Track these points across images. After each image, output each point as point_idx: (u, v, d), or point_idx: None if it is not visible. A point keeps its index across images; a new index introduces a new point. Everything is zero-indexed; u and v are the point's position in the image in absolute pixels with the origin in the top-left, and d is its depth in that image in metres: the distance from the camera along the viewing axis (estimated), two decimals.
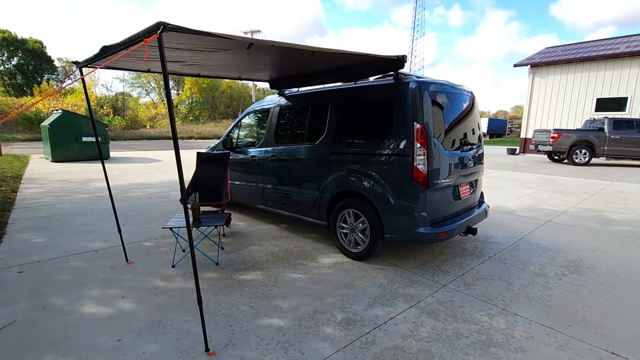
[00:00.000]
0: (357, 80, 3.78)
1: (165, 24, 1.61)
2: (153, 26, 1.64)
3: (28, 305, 2.70)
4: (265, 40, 2.12)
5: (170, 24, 1.65)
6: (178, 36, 2.02)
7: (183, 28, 1.70)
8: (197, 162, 4.81)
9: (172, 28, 1.65)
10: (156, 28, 1.62)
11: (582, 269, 3.53)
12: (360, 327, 2.46)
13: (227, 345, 2.25)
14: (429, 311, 2.69)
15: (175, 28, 1.66)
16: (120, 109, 33.71)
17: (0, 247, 3.90)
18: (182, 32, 1.72)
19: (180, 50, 2.52)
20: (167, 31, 1.64)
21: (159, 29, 1.60)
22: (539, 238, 4.46)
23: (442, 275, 3.33)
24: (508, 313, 2.67)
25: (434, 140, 3.20)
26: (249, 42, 2.09)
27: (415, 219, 3.19)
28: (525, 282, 3.20)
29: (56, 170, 9.99)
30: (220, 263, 3.55)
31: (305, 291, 2.99)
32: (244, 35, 2.49)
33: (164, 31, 1.62)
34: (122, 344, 2.24)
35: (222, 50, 2.49)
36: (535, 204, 6.36)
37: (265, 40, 2.12)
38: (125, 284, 3.07)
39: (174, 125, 1.84)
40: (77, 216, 5.18)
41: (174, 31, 1.67)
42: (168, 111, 1.86)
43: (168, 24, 1.63)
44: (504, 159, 15.28)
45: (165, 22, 1.61)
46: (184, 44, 2.39)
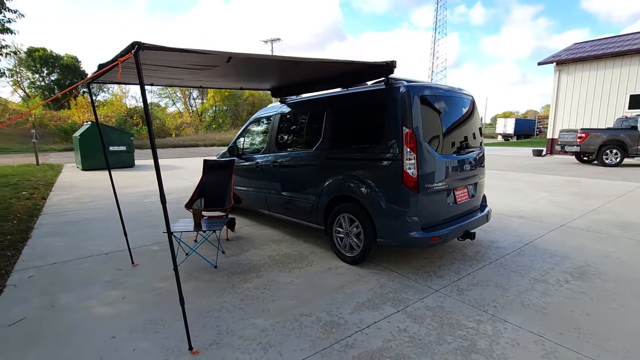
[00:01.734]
0: (351, 86, 3.83)
1: (140, 43, 1.75)
2: (129, 46, 1.79)
3: (39, 303, 2.93)
4: (242, 53, 2.23)
5: (146, 44, 1.79)
6: (168, 54, 2.17)
7: (158, 46, 1.83)
8: (204, 169, 5.01)
9: (147, 47, 1.79)
10: (131, 47, 1.76)
11: (588, 275, 3.38)
12: (342, 331, 2.49)
13: (211, 345, 2.35)
14: (415, 316, 2.68)
15: (150, 47, 1.80)
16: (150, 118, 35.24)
17: (24, 250, 4.23)
18: (158, 50, 1.85)
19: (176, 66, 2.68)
20: (143, 50, 1.77)
21: (133, 48, 1.75)
22: (547, 243, 4.29)
23: (436, 280, 3.29)
24: (497, 320, 2.62)
25: (424, 144, 3.19)
26: (228, 56, 2.21)
27: (407, 223, 3.19)
28: (522, 289, 3.11)
29: (85, 178, 10.62)
30: (219, 266, 3.68)
31: (295, 294, 3.05)
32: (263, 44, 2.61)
33: (139, 50, 1.76)
34: (116, 341, 2.39)
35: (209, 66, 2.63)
36: (551, 208, 6.11)
37: (243, 53, 2.23)
38: (127, 285, 3.25)
39: (151, 132, 1.97)
40: (96, 221, 5.51)
41: (149, 49, 1.80)
42: (146, 121, 1.98)
43: (143, 44, 1.77)
44: (527, 161, 14.72)
45: (140, 42, 1.75)
46: (177, 61, 2.55)
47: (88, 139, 12.28)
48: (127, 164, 13.26)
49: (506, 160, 15.37)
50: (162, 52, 2.01)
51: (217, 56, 2.23)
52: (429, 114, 3.35)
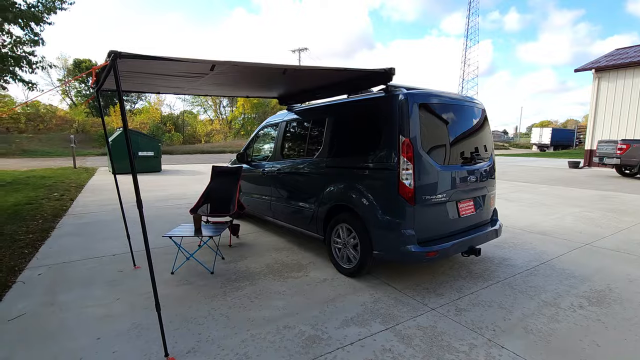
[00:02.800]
0: (354, 94, 3.76)
1: (117, 52, 1.80)
2: (107, 55, 1.85)
3: (40, 300, 3.05)
4: (226, 61, 2.24)
5: (124, 52, 1.84)
6: (164, 63, 2.23)
7: (136, 55, 1.88)
8: (212, 175, 5.10)
9: (125, 55, 1.84)
10: (108, 56, 1.82)
11: (608, 301, 3.06)
12: (323, 346, 2.40)
13: (189, 352, 2.33)
14: (403, 335, 2.53)
15: (128, 55, 1.84)
16: (181, 125, 36.80)
17: (41, 248, 4.47)
18: (135, 59, 1.90)
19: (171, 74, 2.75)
20: (121, 58, 1.82)
21: (110, 57, 1.80)
22: (566, 263, 3.97)
23: (434, 298, 3.11)
24: (493, 345, 2.42)
25: (423, 153, 3.06)
26: (212, 64, 2.23)
27: (402, 236, 3.05)
28: (528, 312, 2.87)
29: (113, 181, 11.18)
30: (216, 272, 3.69)
31: (284, 305, 2.99)
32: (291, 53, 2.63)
33: (116, 58, 1.81)
34: (100, 342, 2.44)
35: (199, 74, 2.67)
36: (579, 224, 5.67)
37: (227, 61, 2.24)
38: (124, 287, 3.33)
39: (128, 136, 2.01)
40: (112, 223, 5.75)
41: (127, 58, 1.85)
42: (123, 127, 2.03)
43: (121, 53, 1.82)
44: (561, 173, 13.86)
45: (116, 51, 1.80)
46: (173, 70, 2.62)
47: (119, 145, 12.94)
48: (155, 169, 13.83)
49: (538, 172, 14.57)
50: (158, 61, 2.06)
51: (203, 64, 2.26)
52: (429, 123, 3.22)
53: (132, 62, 2.29)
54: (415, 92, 3.17)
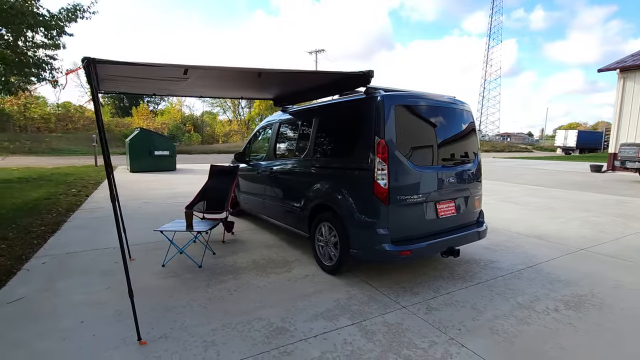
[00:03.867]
0: (337, 95, 3.85)
1: (90, 58, 1.98)
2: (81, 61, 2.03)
3: (39, 287, 3.31)
4: (198, 66, 2.39)
5: (98, 58, 2.01)
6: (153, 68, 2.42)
7: (109, 60, 2.05)
8: (209, 173, 5.31)
9: (98, 61, 2.02)
10: (82, 62, 2.00)
11: (587, 306, 3.02)
12: (287, 338, 2.50)
13: (161, 338, 2.49)
14: (367, 331, 2.60)
15: (101, 61, 2.02)
16: (200, 126, 37.76)
17: (50, 239, 4.79)
18: (108, 64, 2.07)
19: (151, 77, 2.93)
20: (93, 64, 2.00)
21: (83, 62, 1.98)
22: (555, 267, 3.90)
23: (408, 297, 3.15)
24: (454, 344, 2.45)
25: (398, 154, 3.11)
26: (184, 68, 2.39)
27: (377, 235, 3.11)
28: (500, 314, 2.87)
29: (129, 179, 11.69)
30: (204, 266, 3.86)
31: (261, 299, 3.11)
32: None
33: (90, 64, 1.99)
34: (83, 326, 2.64)
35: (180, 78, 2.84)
36: (582, 229, 5.52)
37: (198, 66, 2.39)
38: (116, 277, 3.55)
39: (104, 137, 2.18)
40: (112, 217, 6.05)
41: (100, 63, 2.03)
42: (98, 127, 2.20)
43: (94, 59, 2.00)
44: (580, 177, 13.37)
45: (89, 57, 1.98)
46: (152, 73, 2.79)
47: (136, 144, 13.50)
48: (169, 168, 14.31)
49: (555, 176, 14.11)
50: (137, 66, 2.24)
51: (177, 68, 2.41)
52: (407, 124, 3.27)
53: (117, 67, 2.48)
54: (392, 93, 3.23)
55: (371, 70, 3.22)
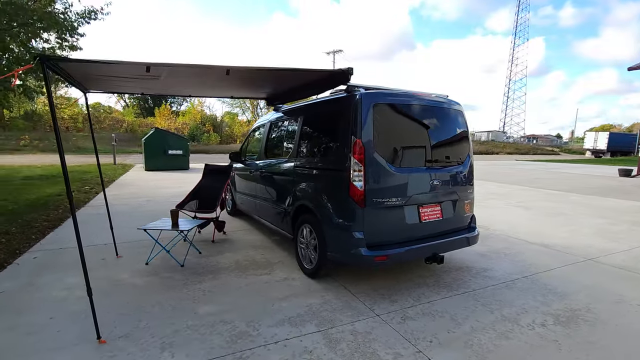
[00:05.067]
0: (319, 94, 3.76)
1: (43, 56, 1.98)
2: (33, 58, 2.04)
3: (23, 281, 3.39)
4: (163, 64, 2.36)
5: (52, 56, 2.02)
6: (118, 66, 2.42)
7: (64, 58, 2.05)
8: (203, 172, 5.32)
9: (52, 59, 2.02)
10: (33, 60, 2.00)
11: (579, 321, 2.78)
12: (248, 342, 2.43)
13: (122, 337, 2.47)
14: (332, 339, 2.49)
15: (55, 58, 2.02)
16: (219, 126, 38.45)
17: (48, 235, 4.94)
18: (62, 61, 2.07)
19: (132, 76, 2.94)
20: (45, 62, 2.00)
21: (35, 60, 1.98)
22: (553, 278, 3.65)
23: (384, 305, 3.01)
24: (421, 356, 2.30)
25: (375, 155, 2.98)
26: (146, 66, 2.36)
27: (353, 238, 2.99)
28: (479, 326, 2.68)
29: (142, 177, 12.00)
30: (187, 266, 3.85)
31: (232, 301, 3.06)
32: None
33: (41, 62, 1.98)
34: (51, 322, 2.66)
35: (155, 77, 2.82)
36: (592, 238, 5.17)
37: (164, 64, 2.36)
38: (99, 274, 3.58)
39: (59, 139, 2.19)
40: (120, 215, 6.18)
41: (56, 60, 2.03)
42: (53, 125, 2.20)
43: (48, 57, 2.00)
44: (605, 182, 12.62)
45: (43, 55, 1.98)
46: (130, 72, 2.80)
47: (151, 143, 13.86)
48: (183, 167, 14.60)
49: (579, 180, 13.39)
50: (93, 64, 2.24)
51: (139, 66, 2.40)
52: (387, 124, 3.13)
53: (98, 67, 2.50)
54: (371, 92, 3.10)
55: (350, 68, 3.10)
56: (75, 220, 2.51)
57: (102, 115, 35.52)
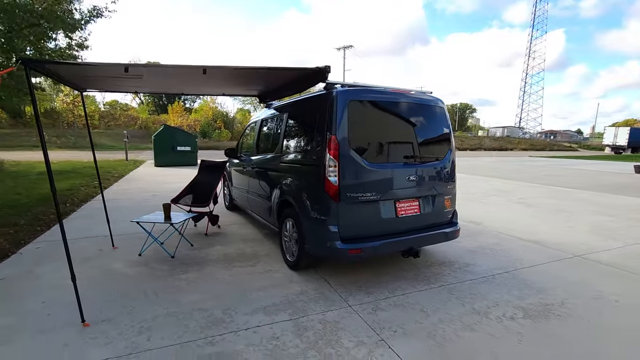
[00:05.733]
0: (302, 91, 3.84)
1: (25, 59, 2.14)
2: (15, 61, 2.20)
3: (23, 269, 3.62)
4: (140, 64, 2.48)
5: (34, 59, 2.18)
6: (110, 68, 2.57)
7: (45, 60, 2.21)
8: (199, 168, 5.50)
9: (34, 61, 2.17)
10: (16, 62, 2.16)
11: (550, 315, 2.81)
12: (220, 328, 2.56)
13: (104, 321, 2.65)
14: (301, 327, 2.60)
15: (36, 60, 2.18)
16: (230, 123, 38.92)
17: (53, 227, 5.20)
18: (44, 63, 2.23)
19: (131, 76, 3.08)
20: (27, 65, 2.15)
21: (17, 62, 2.14)
22: (535, 273, 3.65)
23: (359, 296, 3.10)
24: (381, 345, 2.38)
25: (350, 151, 3.05)
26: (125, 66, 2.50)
27: (328, 232, 3.08)
28: (447, 318, 2.74)
29: (150, 173, 12.35)
30: (177, 257, 4.02)
31: (214, 290, 3.20)
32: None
33: (23, 65, 2.14)
34: (43, 305, 2.86)
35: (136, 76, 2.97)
36: (587, 235, 5.11)
37: (141, 64, 2.48)
38: (94, 263, 3.80)
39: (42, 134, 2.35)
40: (123, 209, 6.42)
41: (37, 62, 2.19)
42: (37, 124, 2.36)
43: (30, 59, 2.16)
44: (619, 179, 12.29)
45: (25, 58, 2.14)
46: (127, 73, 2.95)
47: (160, 140, 14.22)
48: (191, 163, 14.90)
49: (592, 176, 13.07)
50: (72, 65, 2.40)
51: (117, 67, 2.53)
52: (363, 120, 3.19)
53: (74, 67, 2.66)
54: (347, 89, 3.17)
55: (327, 66, 3.17)
56: (59, 214, 2.67)
57: (117, 113, 36.48)
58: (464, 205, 7.30)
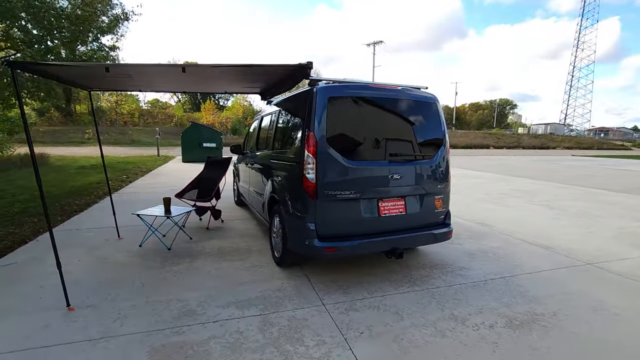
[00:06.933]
0: (291, 88, 3.83)
1: (10, 62, 2.31)
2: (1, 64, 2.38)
3: (34, 255, 3.93)
4: (120, 64, 2.60)
5: (20, 61, 2.35)
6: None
7: (30, 62, 2.37)
8: (205, 164, 5.67)
9: (18, 63, 2.35)
10: (1, 65, 2.34)
11: (534, 326, 2.62)
12: (190, 320, 2.64)
13: (89, 307, 2.82)
14: (267, 323, 2.61)
15: (19, 62, 2.35)
16: None
17: (73, 217, 5.61)
18: (30, 66, 2.39)
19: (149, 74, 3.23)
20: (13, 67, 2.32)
21: (2, 64, 2.32)
22: (532, 280, 3.42)
23: (336, 295, 3.06)
24: (342, 346, 2.34)
25: (328, 148, 3.01)
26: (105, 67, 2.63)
27: (307, 230, 3.07)
28: (420, 323, 2.64)
29: (176, 168, 12.91)
30: (174, 249, 4.18)
31: (198, 282, 3.30)
32: None
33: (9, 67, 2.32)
34: (40, 289, 3.09)
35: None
36: (608, 242, 4.70)
37: (121, 64, 2.60)
38: (98, 252, 4.04)
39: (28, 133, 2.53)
40: (138, 202, 6.78)
41: (20, 64, 2.36)
42: (23, 122, 2.54)
43: (14, 61, 2.33)
44: None
45: (11, 61, 2.31)
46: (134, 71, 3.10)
47: (187, 137, 14.83)
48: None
49: (633, 177, 11.99)
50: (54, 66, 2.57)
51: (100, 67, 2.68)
52: (345, 117, 3.14)
53: (69, 68, 2.84)
54: (328, 85, 3.13)
55: (310, 62, 3.13)
56: (45, 206, 2.84)
57: (155, 111, 38.46)
58: (477, 205, 6.98)
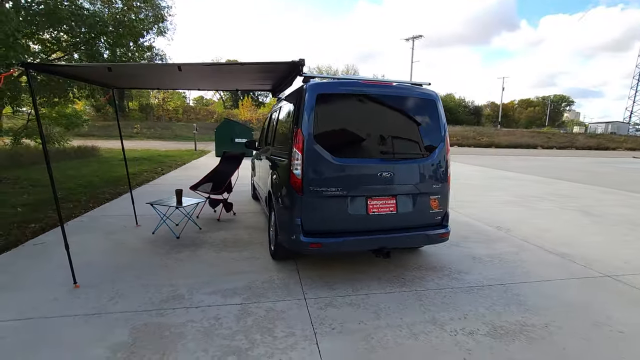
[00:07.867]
0: (289, 85, 3.88)
1: (26, 63, 2.58)
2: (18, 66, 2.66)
3: (58, 238, 4.33)
4: (121, 64, 2.80)
5: (34, 63, 2.62)
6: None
7: (45, 64, 2.64)
8: (221, 158, 5.92)
9: (34, 65, 2.62)
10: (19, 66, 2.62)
11: (518, 337, 2.47)
12: (176, 303, 2.80)
13: (92, 286, 3.08)
14: (246, 312, 2.70)
15: (34, 64, 2.62)
16: None
17: (104, 205, 6.11)
18: (43, 67, 2.66)
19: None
20: (28, 69, 2.59)
21: (17, 65, 2.60)
22: (535, 289, 3.21)
23: (320, 291, 3.08)
24: (309, 340, 2.37)
25: (314, 144, 3.02)
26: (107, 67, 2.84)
27: (293, 224, 3.11)
28: (396, 324, 2.59)
29: (209, 162, 13.48)
30: (182, 238, 4.42)
31: (194, 270, 3.47)
32: None
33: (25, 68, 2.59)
34: (54, 269, 3.42)
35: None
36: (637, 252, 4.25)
37: (122, 64, 2.80)
38: (114, 237, 4.39)
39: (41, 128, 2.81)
40: (159, 193, 7.16)
41: (37, 65, 2.63)
42: (37, 122, 2.81)
43: (30, 63, 2.61)
44: None
45: (27, 62, 2.58)
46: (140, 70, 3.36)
47: (220, 132, 15.45)
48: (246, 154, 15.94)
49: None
50: (67, 67, 2.83)
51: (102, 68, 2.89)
52: (335, 114, 3.13)
53: (81, 68, 3.12)
54: (318, 82, 3.13)
55: (302, 59, 3.16)
56: (56, 196, 3.13)
57: (197, 107, 40.44)
58: (499, 208, 6.60)
